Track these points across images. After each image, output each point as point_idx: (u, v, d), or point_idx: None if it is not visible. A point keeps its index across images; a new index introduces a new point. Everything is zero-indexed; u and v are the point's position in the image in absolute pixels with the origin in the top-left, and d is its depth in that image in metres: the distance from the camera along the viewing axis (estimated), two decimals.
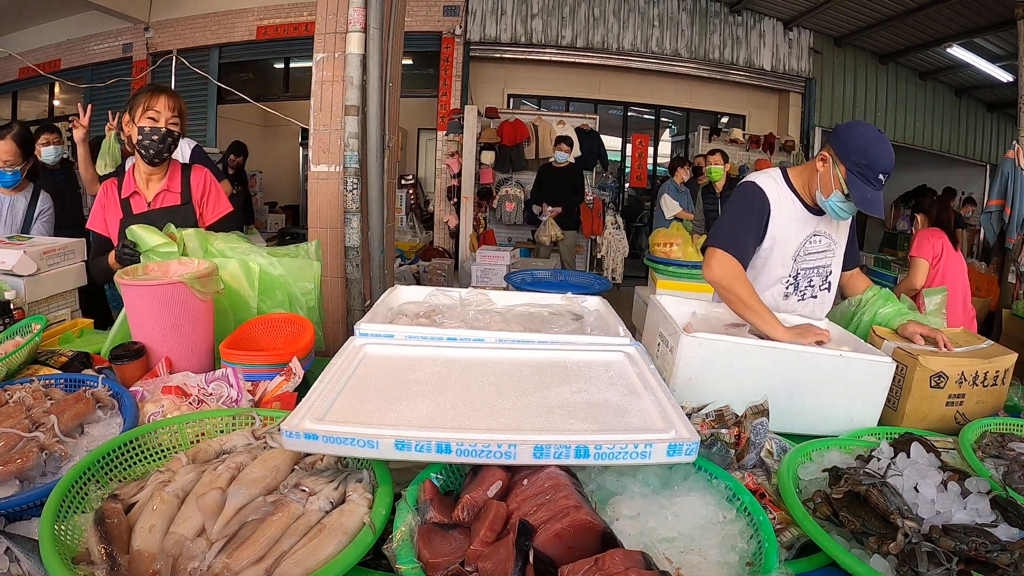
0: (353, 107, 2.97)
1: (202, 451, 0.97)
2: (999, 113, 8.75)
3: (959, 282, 3.09)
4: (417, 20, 6.77)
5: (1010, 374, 1.41)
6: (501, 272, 4.80)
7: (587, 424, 0.92)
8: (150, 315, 1.38)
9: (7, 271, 1.81)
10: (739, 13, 7.59)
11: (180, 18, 7.37)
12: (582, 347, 1.23)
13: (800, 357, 1.28)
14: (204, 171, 2.01)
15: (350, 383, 1.03)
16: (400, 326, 1.26)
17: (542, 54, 7.47)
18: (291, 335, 1.56)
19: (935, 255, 3.10)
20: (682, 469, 0.96)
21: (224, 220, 2.01)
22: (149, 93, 1.87)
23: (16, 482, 0.90)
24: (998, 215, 4.45)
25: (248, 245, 1.70)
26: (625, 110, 8.47)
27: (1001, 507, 0.89)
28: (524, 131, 6.65)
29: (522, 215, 6.58)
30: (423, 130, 8.60)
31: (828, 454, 1.11)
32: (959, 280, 3.10)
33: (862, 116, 8.14)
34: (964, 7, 6.16)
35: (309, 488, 0.86)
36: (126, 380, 1.29)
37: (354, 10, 2.89)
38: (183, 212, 1.94)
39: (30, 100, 8.75)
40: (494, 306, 1.52)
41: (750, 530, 0.85)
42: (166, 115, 1.84)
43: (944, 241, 3.12)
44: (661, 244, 3.92)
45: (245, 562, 0.73)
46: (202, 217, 1.98)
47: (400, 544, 0.75)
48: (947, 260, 3.09)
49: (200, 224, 1.96)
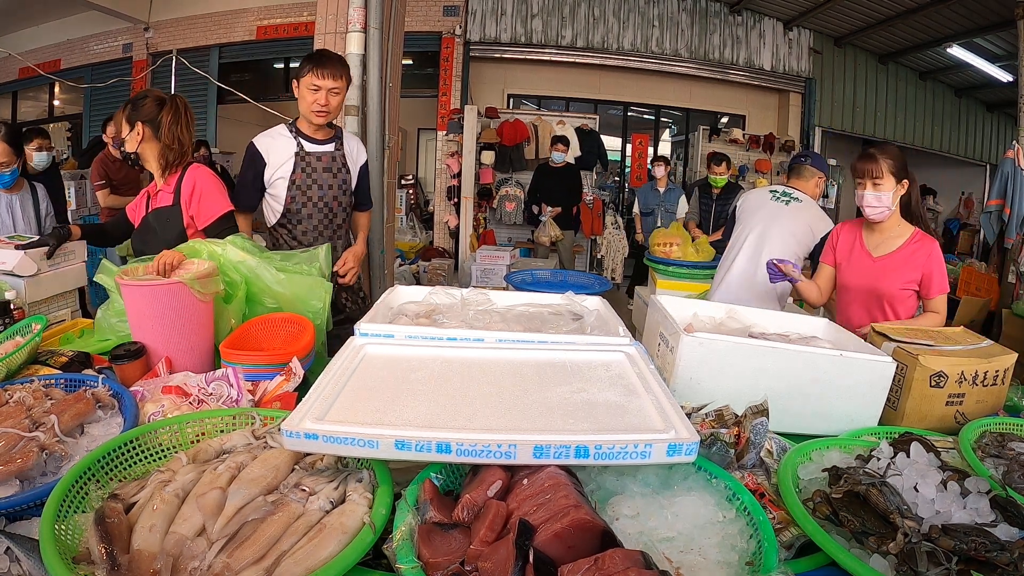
0: (353, 107, 2.97)
1: (202, 451, 0.97)
2: (999, 113, 8.76)
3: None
4: (417, 20, 6.78)
5: (1010, 374, 1.41)
6: (501, 272, 4.80)
7: (587, 424, 0.92)
8: (150, 315, 1.38)
9: (7, 271, 1.81)
10: (739, 13, 7.60)
11: (180, 18, 7.38)
12: (582, 347, 1.23)
13: (800, 357, 1.28)
14: (200, 170, 1.95)
15: (350, 383, 1.03)
16: (400, 326, 1.26)
17: (542, 54, 7.47)
18: (291, 335, 1.56)
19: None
20: (682, 469, 0.96)
21: (221, 221, 1.92)
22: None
23: (16, 482, 0.90)
24: (998, 215, 4.46)
25: (257, 260, 1.62)
26: (625, 110, 8.48)
27: (1001, 507, 0.89)
28: (524, 131, 6.65)
29: (522, 215, 6.58)
30: (423, 130, 8.60)
31: (828, 454, 1.11)
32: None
33: (862, 116, 8.15)
34: (964, 7, 6.17)
35: (309, 488, 0.86)
36: (126, 380, 1.29)
37: (354, 10, 2.90)
38: (169, 213, 1.90)
39: (30, 100, 8.76)
40: (494, 306, 1.52)
41: (750, 530, 0.85)
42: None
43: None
44: (661, 244, 3.92)
45: (245, 562, 0.73)
46: (192, 219, 1.90)
47: (400, 544, 0.75)
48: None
49: (190, 225, 1.90)
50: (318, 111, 2.10)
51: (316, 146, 2.20)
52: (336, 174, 2.24)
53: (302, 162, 2.17)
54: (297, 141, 2.17)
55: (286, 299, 1.64)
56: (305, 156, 2.17)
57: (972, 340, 1.50)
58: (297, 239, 2.22)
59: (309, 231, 2.23)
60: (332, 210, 2.25)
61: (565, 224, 6.00)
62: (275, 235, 2.26)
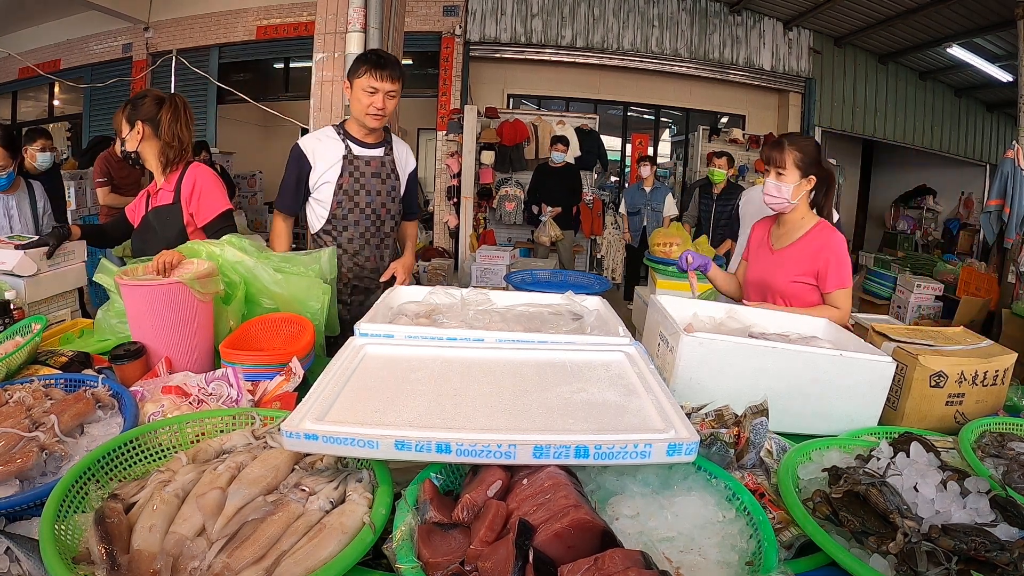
0: None
1: (202, 451, 0.97)
2: (999, 113, 8.75)
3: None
4: (417, 20, 6.78)
5: (1010, 374, 1.41)
6: (501, 272, 4.80)
7: (587, 424, 0.92)
8: (150, 315, 1.38)
9: (7, 271, 1.81)
10: (739, 13, 7.59)
11: (180, 18, 7.38)
12: (582, 347, 1.23)
13: (800, 357, 1.28)
14: (200, 169, 1.96)
15: (350, 383, 1.03)
16: (400, 326, 1.26)
17: (542, 54, 7.47)
18: (291, 335, 1.56)
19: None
20: (682, 469, 0.96)
21: (220, 219, 1.93)
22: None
23: (16, 482, 0.90)
24: (998, 215, 4.46)
25: (255, 260, 1.62)
26: (625, 110, 8.48)
27: (1000, 507, 0.89)
28: (524, 131, 6.65)
29: (522, 215, 6.58)
30: (423, 130, 8.60)
31: (828, 454, 1.11)
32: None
33: (862, 116, 8.15)
34: (964, 7, 6.17)
35: (309, 488, 0.86)
36: (126, 380, 1.29)
37: (354, 10, 2.90)
38: (169, 211, 1.92)
39: (30, 100, 8.76)
40: (494, 306, 1.52)
41: (750, 530, 0.85)
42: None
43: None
44: (661, 244, 3.92)
45: (245, 561, 0.73)
46: (192, 216, 1.92)
47: (400, 544, 0.75)
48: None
49: (189, 223, 1.92)
50: (374, 114, 2.00)
51: (365, 150, 2.10)
52: (385, 180, 2.13)
53: (350, 166, 2.06)
54: (345, 144, 2.07)
55: (284, 300, 1.63)
56: (354, 160, 2.07)
57: (972, 340, 1.50)
58: (342, 247, 2.11)
59: (355, 238, 2.12)
60: (380, 217, 2.14)
61: (565, 224, 6.00)
62: (319, 242, 2.15)
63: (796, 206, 1.86)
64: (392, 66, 2.00)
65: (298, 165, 2.07)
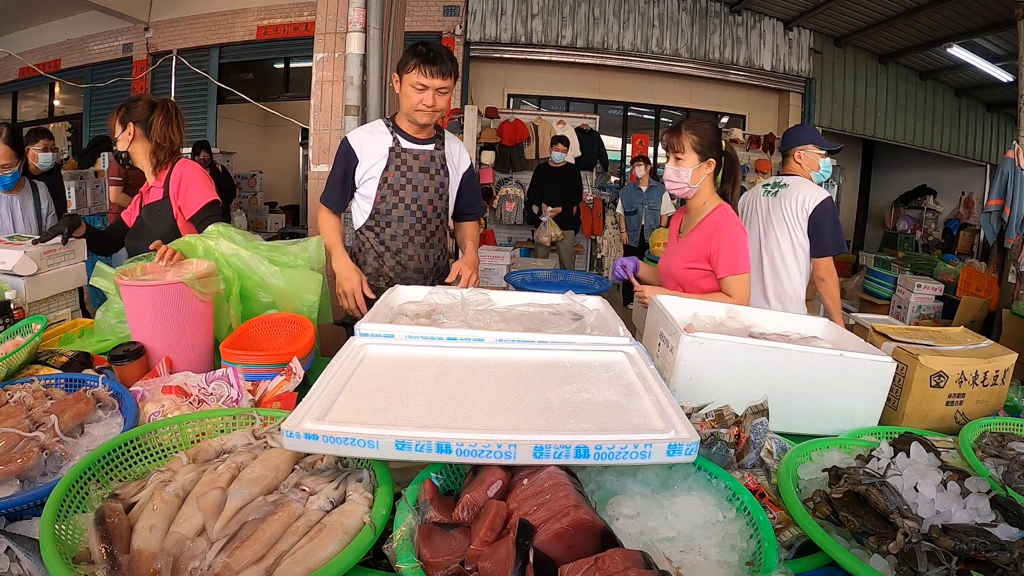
0: (353, 107, 2.98)
1: (202, 451, 0.97)
2: (999, 113, 8.76)
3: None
4: (417, 20, 6.78)
5: (1010, 374, 1.41)
6: (501, 272, 4.80)
7: (587, 424, 0.92)
8: (150, 315, 1.38)
9: (7, 271, 1.81)
10: (739, 13, 7.60)
11: (180, 18, 7.39)
12: (582, 347, 1.23)
13: (800, 357, 1.28)
14: (187, 164, 2.00)
15: (350, 383, 1.03)
16: (400, 326, 1.26)
17: (542, 54, 7.48)
18: (291, 335, 1.56)
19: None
20: (682, 469, 0.96)
21: (205, 209, 1.96)
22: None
23: (16, 482, 0.90)
24: (998, 215, 4.46)
25: (250, 252, 1.62)
26: (625, 110, 8.48)
27: (1001, 507, 0.89)
28: (524, 131, 6.66)
29: (522, 215, 6.59)
30: None
31: (828, 454, 1.11)
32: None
33: (862, 116, 8.16)
34: (964, 7, 6.17)
35: (309, 488, 0.86)
36: (126, 380, 1.29)
37: (354, 10, 2.90)
38: (160, 207, 1.98)
39: (30, 100, 8.76)
40: (494, 306, 1.52)
41: (750, 530, 0.85)
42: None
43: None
44: (661, 244, 3.93)
45: (245, 561, 0.73)
46: (180, 210, 1.97)
47: (400, 544, 0.75)
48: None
49: (179, 216, 1.97)
50: (423, 111, 1.92)
51: (414, 144, 2.03)
52: (433, 176, 2.04)
53: (397, 159, 1.99)
54: (394, 137, 2.01)
55: (280, 292, 1.63)
56: (400, 153, 2.00)
57: (972, 340, 1.50)
58: (384, 244, 2.05)
59: (399, 235, 2.04)
60: (426, 214, 2.05)
61: (565, 224, 6.01)
62: (360, 239, 2.09)
63: (699, 191, 1.85)
64: (443, 61, 1.90)
65: (345, 159, 2.02)
